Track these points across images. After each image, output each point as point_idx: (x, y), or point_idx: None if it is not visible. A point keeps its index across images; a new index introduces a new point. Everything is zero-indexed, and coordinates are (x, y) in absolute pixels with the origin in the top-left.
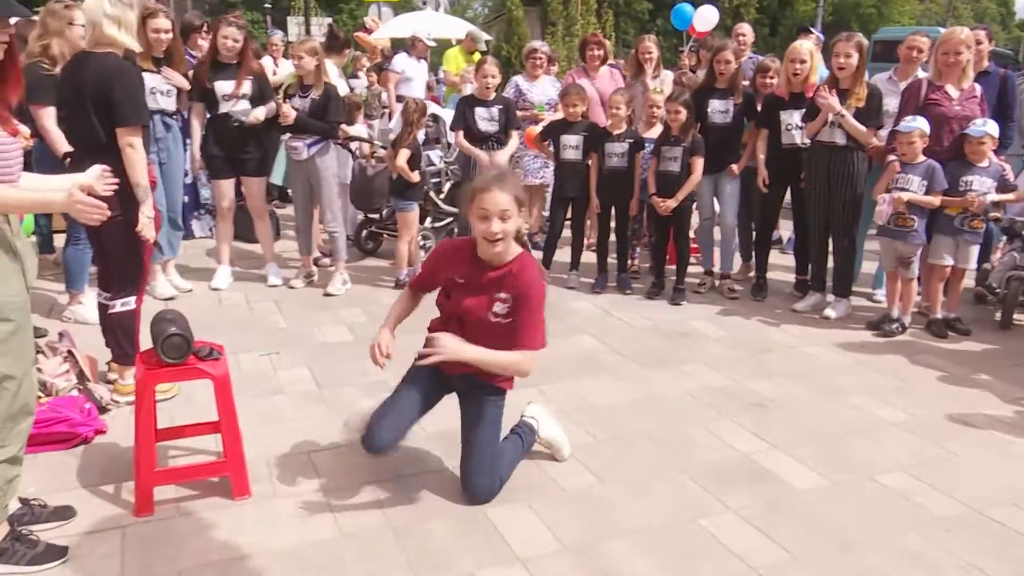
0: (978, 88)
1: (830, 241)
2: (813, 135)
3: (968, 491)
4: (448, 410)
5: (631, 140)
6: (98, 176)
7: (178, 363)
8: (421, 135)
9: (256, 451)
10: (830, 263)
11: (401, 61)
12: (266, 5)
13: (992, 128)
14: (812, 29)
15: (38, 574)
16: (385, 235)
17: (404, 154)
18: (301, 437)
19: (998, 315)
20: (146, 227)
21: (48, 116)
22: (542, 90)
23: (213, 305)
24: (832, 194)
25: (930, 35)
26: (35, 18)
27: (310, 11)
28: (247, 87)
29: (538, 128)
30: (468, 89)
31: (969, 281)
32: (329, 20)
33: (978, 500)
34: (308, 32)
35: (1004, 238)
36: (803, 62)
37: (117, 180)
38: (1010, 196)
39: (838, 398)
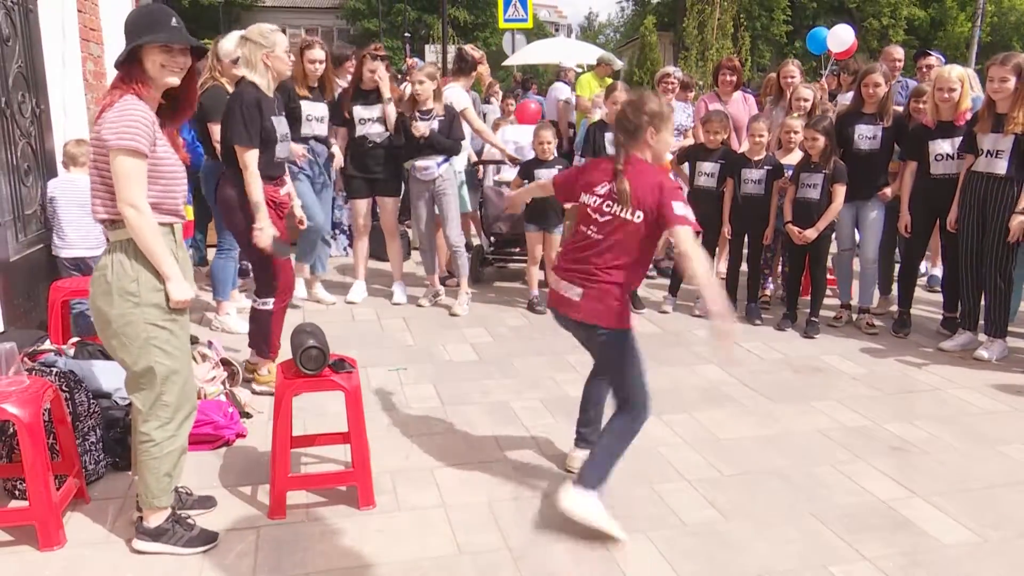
0: None
1: (984, 277)
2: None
3: None
4: (564, 434)
5: (769, 167)
6: None
7: (314, 374)
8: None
9: (381, 463)
10: (982, 300)
11: (561, 88)
12: (406, 34)
13: None
14: (931, 52)
15: (189, 556)
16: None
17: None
18: (424, 452)
19: None
20: (258, 238)
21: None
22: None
23: (346, 320)
24: (987, 226)
25: None
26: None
27: (447, 39)
28: (380, 111)
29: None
30: (598, 114)
31: None
32: (466, 46)
33: None
34: (444, 59)
35: None
36: (952, 90)
37: None
38: None
39: (989, 446)
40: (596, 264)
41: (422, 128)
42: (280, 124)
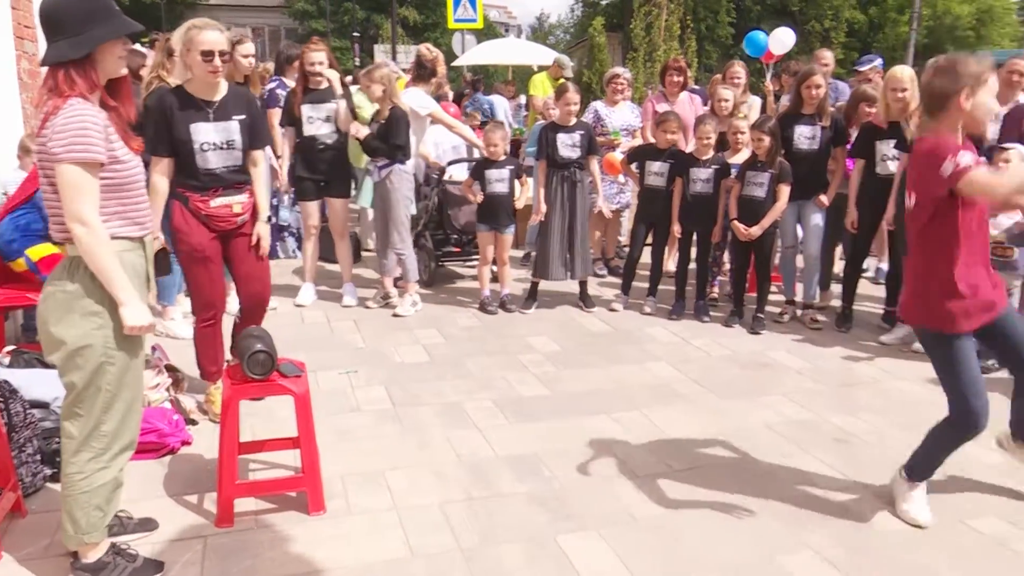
0: None
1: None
2: None
3: None
4: (516, 433)
5: (717, 166)
6: None
7: (262, 379)
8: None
9: (332, 468)
10: None
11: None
12: (354, 34)
13: None
14: (872, 57)
15: None
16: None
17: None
18: (376, 455)
19: None
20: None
21: None
22: (621, 116)
23: (295, 323)
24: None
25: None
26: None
27: (397, 39)
28: (328, 110)
29: (615, 154)
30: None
31: None
32: (421, 47)
33: None
34: (394, 59)
35: None
36: (904, 90)
37: None
38: None
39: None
40: None
41: (359, 133)
42: (206, 132)
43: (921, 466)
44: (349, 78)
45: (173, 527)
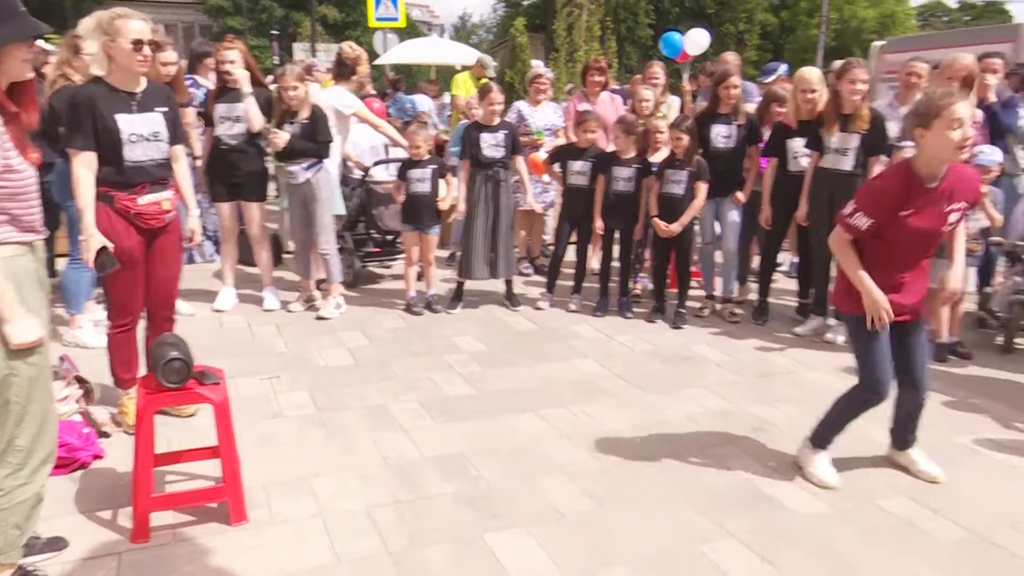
0: (979, 113)
1: (832, 266)
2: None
3: (971, 516)
4: (443, 434)
5: (639, 165)
6: None
7: (178, 387)
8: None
9: (254, 476)
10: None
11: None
12: (272, 32)
13: (999, 157)
14: (775, 66)
15: None
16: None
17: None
18: (300, 462)
19: (1000, 339)
20: (82, 249)
21: None
22: (544, 116)
23: (214, 329)
24: (834, 219)
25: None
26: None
27: (316, 37)
28: (239, 110)
29: (539, 153)
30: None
31: (970, 306)
32: (343, 45)
33: (981, 525)
34: (315, 58)
35: (1006, 263)
36: (814, 90)
37: None
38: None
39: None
40: None
41: (279, 141)
42: (132, 123)
43: (825, 433)
44: (270, 77)
45: (85, 545)
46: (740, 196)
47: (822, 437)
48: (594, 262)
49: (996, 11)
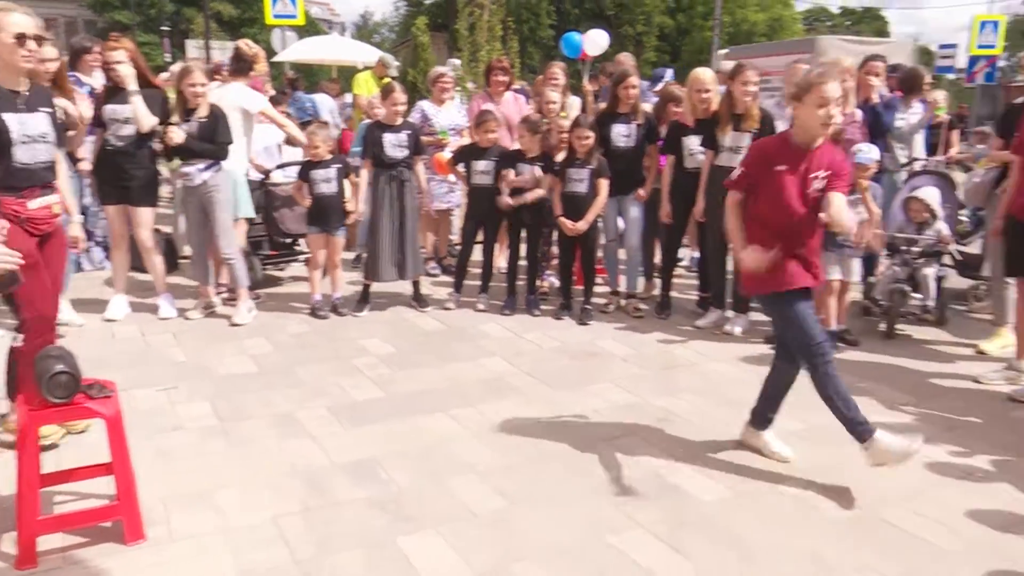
0: (859, 113)
1: (729, 259)
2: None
3: (861, 494)
4: (352, 439)
5: (542, 164)
6: None
7: (65, 402)
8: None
9: (152, 492)
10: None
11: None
12: (163, 28)
13: (876, 155)
14: (661, 73)
15: None
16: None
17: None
18: (201, 474)
19: (882, 326)
20: None
21: None
22: (448, 115)
23: (105, 340)
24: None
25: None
26: None
27: (210, 34)
28: (128, 111)
29: (444, 153)
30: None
31: (856, 294)
32: (240, 42)
33: (870, 502)
34: (208, 56)
35: (887, 254)
36: (707, 91)
37: None
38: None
39: (740, 411)
40: None
41: (176, 138)
42: (21, 123)
43: (765, 414)
44: (165, 75)
45: None
46: (641, 192)
47: (762, 419)
48: (501, 261)
49: (873, 17)
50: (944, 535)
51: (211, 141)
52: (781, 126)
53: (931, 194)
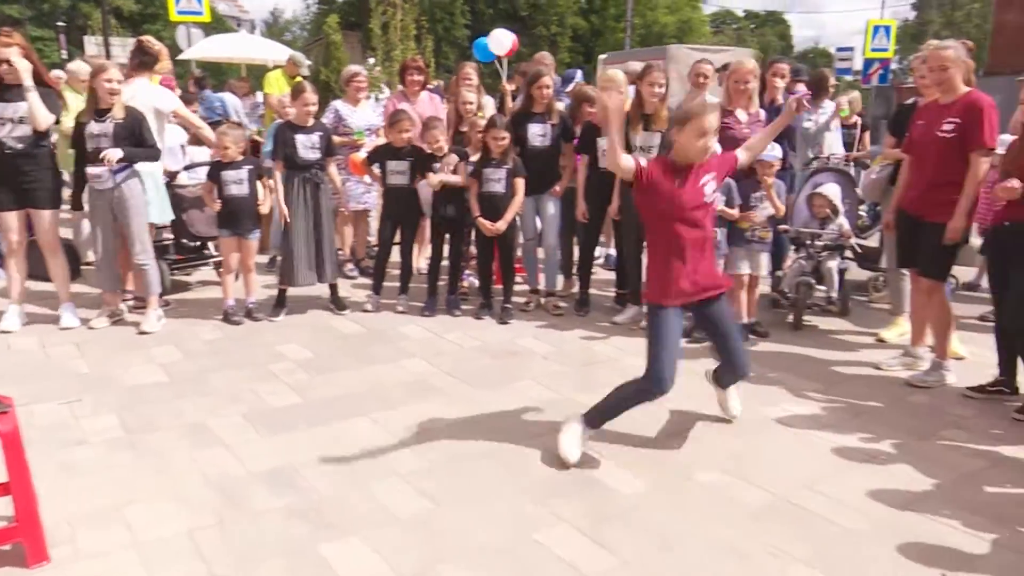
0: (762, 113)
1: (644, 256)
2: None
3: (773, 481)
4: (269, 447)
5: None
6: None
7: None
8: None
9: (56, 510)
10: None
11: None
12: (58, 23)
13: (779, 152)
14: (572, 74)
15: None
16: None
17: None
18: (108, 490)
19: (790, 317)
20: None
21: None
22: (363, 116)
23: (0, 352)
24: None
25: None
26: None
27: (110, 30)
28: (21, 109)
29: (360, 154)
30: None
31: (765, 288)
32: (143, 38)
33: (782, 488)
34: (108, 54)
35: (793, 248)
36: (620, 92)
37: None
38: (771, 211)
39: (658, 404)
40: None
41: (113, 157)
42: None
43: (600, 415)
44: (58, 73)
45: None
46: (557, 188)
47: (594, 418)
48: (421, 262)
49: (776, 20)
50: (850, 516)
51: (132, 143)
52: None
53: (832, 190)
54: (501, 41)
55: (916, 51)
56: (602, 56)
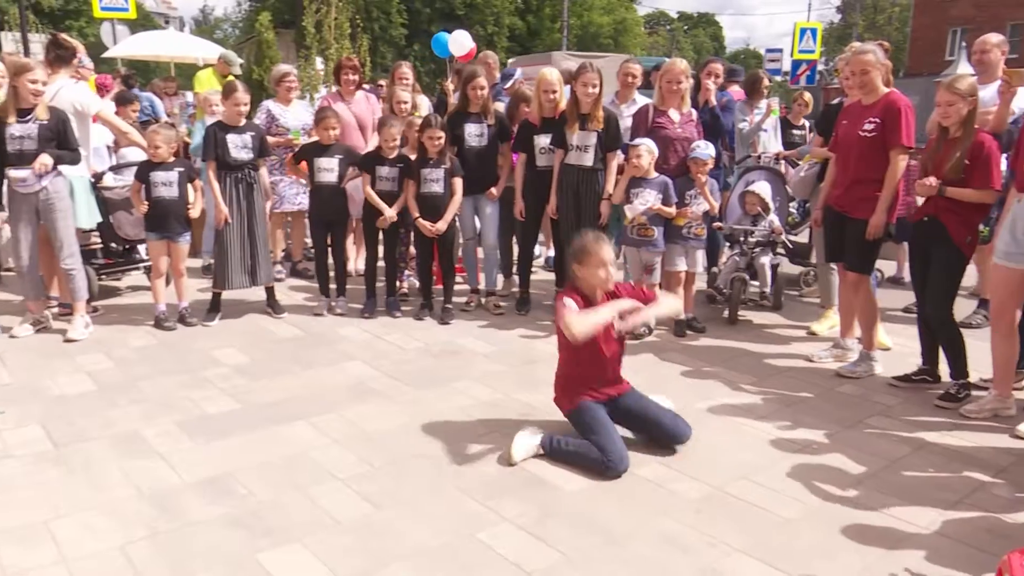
0: (694, 112)
1: None
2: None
3: (711, 473)
4: (205, 454)
5: (401, 164)
6: None
7: None
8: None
9: None
10: None
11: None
12: None
13: (712, 151)
14: (511, 72)
15: None
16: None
17: None
18: (35, 505)
19: (726, 313)
20: None
21: None
22: (296, 115)
23: None
24: (581, 211)
25: (642, 63)
26: None
27: (27, 26)
28: None
29: None
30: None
31: (701, 284)
32: (60, 36)
33: (719, 480)
34: (27, 51)
35: (727, 245)
36: (554, 91)
37: None
38: (705, 207)
39: None
40: None
41: (47, 162)
42: None
43: (558, 453)
44: None
45: None
46: (493, 191)
47: (554, 450)
48: (359, 263)
49: (708, 22)
50: (786, 504)
51: (57, 146)
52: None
53: (764, 188)
54: (462, 43)
55: (841, 52)
56: (511, 60)
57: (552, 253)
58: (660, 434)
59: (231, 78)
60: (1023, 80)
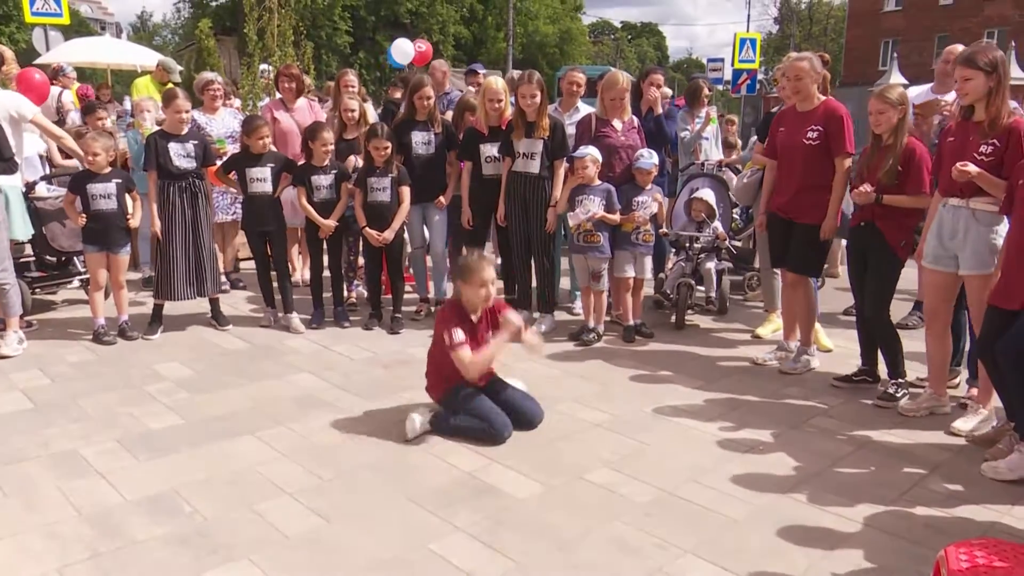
0: (636, 120)
1: (532, 261)
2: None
3: (660, 476)
4: (148, 472)
5: (336, 171)
6: None
7: None
8: None
9: None
10: (533, 282)
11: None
12: None
13: (656, 160)
14: (478, 70)
15: None
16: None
17: None
18: None
19: (673, 318)
20: None
21: None
22: (222, 123)
23: None
24: (529, 219)
25: (585, 71)
26: None
27: None
28: None
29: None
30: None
31: (649, 290)
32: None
33: (669, 483)
34: None
35: (673, 251)
36: (499, 100)
37: None
38: (654, 209)
39: (549, 406)
40: None
41: None
42: None
43: (444, 428)
44: None
45: None
46: (441, 199)
47: (440, 426)
48: (305, 273)
49: (651, 32)
50: (733, 505)
51: None
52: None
53: (709, 195)
54: (405, 51)
55: (780, 63)
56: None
57: (499, 261)
58: (519, 417)
59: (171, 86)
60: (933, 111)
